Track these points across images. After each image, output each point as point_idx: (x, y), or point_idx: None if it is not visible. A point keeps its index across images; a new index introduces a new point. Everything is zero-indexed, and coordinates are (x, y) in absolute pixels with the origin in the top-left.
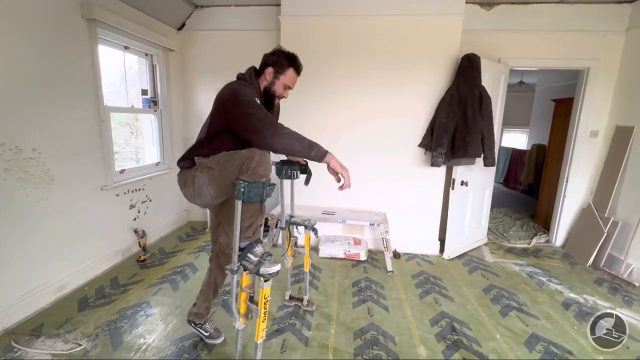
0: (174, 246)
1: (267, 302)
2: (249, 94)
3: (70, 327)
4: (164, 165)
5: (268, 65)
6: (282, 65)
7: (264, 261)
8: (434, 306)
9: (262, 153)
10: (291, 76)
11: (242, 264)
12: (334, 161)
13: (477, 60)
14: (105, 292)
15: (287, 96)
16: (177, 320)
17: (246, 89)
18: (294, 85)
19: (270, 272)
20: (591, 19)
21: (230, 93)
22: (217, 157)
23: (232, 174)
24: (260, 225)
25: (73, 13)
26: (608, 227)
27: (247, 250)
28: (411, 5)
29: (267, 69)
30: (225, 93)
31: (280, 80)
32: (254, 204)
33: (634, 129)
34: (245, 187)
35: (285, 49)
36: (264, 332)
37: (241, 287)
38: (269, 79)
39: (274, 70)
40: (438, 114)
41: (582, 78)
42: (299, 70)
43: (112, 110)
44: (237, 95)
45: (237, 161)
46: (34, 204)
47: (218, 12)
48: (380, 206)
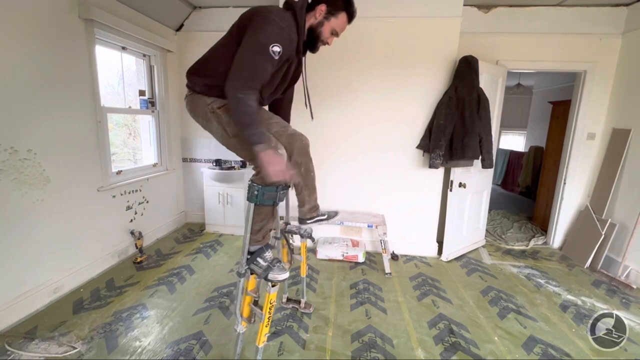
0: (170, 248)
1: (272, 307)
2: (273, 34)
3: (64, 330)
4: (162, 166)
5: (322, 2)
6: (337, 7)
7: (273, 267)
8: (432, 308)
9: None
10: (342, 21)
11: (250, 267)
12: (261, 155)
13: (475, 62)
14: (101, 294)
15: (331, 43)
16: (173, 323)
17: (276, 27)
18: (342, 32)
19: (279, 279)
20: (588, 21)
21: (259, 20)
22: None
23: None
24: (270, 229)
25: (70, 13)
26: (605, 229)
27: (256, 254)
28: (409, 8)
29: (320, 5)
30: (256, 15)
31: (330, 23)
32: (266, 207)
33: (630, 131)
34: (259, 190)
35: None
36: (265, 336)
37: (246, 290)
38: (318, 17)
39: (326, 9)
40: (436, 116)
41: (579, 80)
42: (352, 18)
43: (109, 111)
44: (263, 26)
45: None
46: (29, 205)
47: (217, 13)
48: (378, 208)
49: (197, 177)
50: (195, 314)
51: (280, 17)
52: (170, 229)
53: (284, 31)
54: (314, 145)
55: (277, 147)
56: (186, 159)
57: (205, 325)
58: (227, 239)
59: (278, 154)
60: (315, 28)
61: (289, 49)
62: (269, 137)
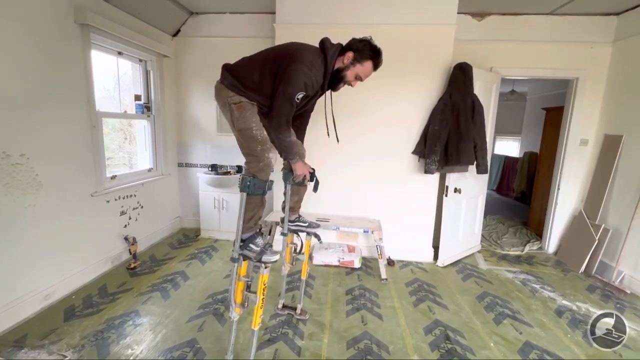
0: (165, 253)
1: (266, 288)
2: (299, 87)
3: (55, 338)
4: (157, 171)
5: (351, 50)
6: (364, 55)
7: (266, 251)
8: (428, 314)
9: (270, 163)
10: (367, 68)
11: (243, 253)
12: (296, 165)
13: (469, 69)
14: (93, 301)
15: (354, 86)
16: (166, 330)
17: (303, 78)
18: (366, 78)
19: (272, 260)
20: (579, 30)
21: (292, 70)
22: (247, 119)
23: (248, 143)
24: (260, 217)
25: (66, 18)
26: (599, 235)
27: (248, 241)
28: (405, 15)
29: (349, 52)
30: (292, 61)
31: (356, 68)
32: (256, 197)
33: (622, 137)
34: (251, 181)
35: (374, 41)
36: (260, 318)
37: (239, 276)
38: (346, 62)
39: (354, 56)
40: (431, 122)
41: (572, 87)
42: (377, 66)
43: (104, 116)
44: (293, 78)
45: (253, 144)
46: (21, 211)
47: (213, 19)
48: (374, 213)
49: (192, 182)
50: (189, 320)
51: (310, 65)
52: (165, 234)
53: (310, 79)
54: (309, 152)
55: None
56: (182, 164)
57: (199, 332)
58: (222, 244)
59: (304, 163)
60: (341, 70)
61: (312, 90)
62: (300, 153)
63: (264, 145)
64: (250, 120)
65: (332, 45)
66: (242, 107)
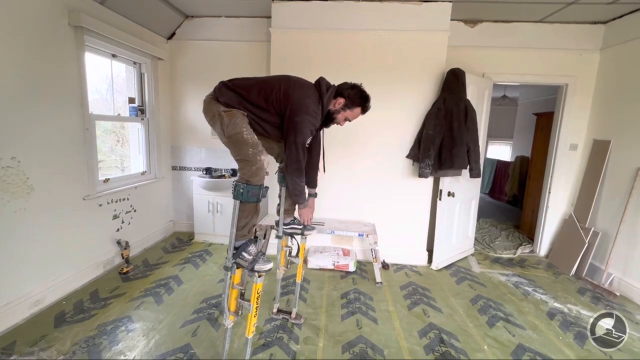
0: (158, 258)
1: (259, 296)
2: (306, 135)
3: (45, 345)
4: (150, 174)
5: (343, 96)
6: (354, 102)
7: (259, 259)
8: (422, 317)
9: (263, 166)
10: (356, 113)
11: (236, 261)
12: (303, 210)
13: (462, 74)
14: (85, 306)
15: (342, 125)
16: (160, 336)
17: (309, 126)
18: (354, 119)
19: (265, 269)
20: (568, 38)
21: (299, 122)
22: (240, 129)
23: (238, 147)
24: (254, 225)
25: (60, 20)
26: (589, 238)
27: (241, 249)
28: (399, 21)
29: (339, 99)
30: (298, 111)
31: (346, 113)
32: (250, 204)
33: (610, 142)
34: (244, 188)
35: (364, 89)
36: (254, 326)
37: (232, 284)
38: (337, 107)
39: (345, 102)
40: (425, 127)
41: (561, 93)
42: (365, 111)
43: (97, 119)
44: (302, 128)
45: (245, 148)
46: (11, 214)
47: (209, 23)
48: (369, 217)
49: (186, 185)
50: (182, 326)
51: (313, 114)
52: (158, 238)
53: (314, 125)
54: None
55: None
56: (176, 167)
57: (193, 337)
58: (216, 248)
59: (310, 207)
60: (332, 113)
61: (314, 132)
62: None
63: (256, 148)
64: (240, 125)
65: (328, 89)
66: (232, 114)
